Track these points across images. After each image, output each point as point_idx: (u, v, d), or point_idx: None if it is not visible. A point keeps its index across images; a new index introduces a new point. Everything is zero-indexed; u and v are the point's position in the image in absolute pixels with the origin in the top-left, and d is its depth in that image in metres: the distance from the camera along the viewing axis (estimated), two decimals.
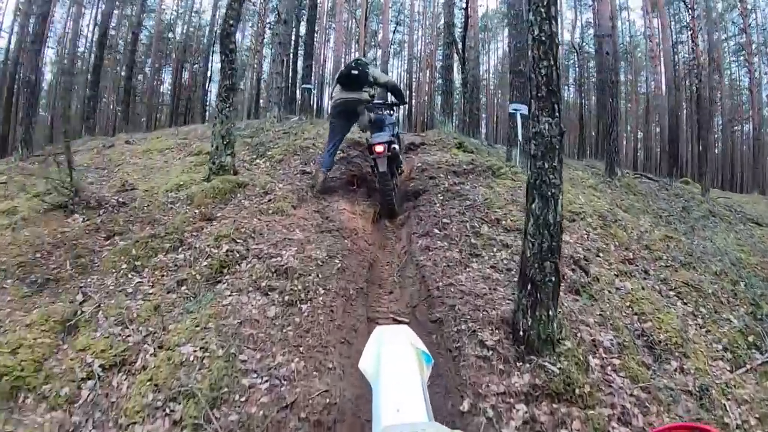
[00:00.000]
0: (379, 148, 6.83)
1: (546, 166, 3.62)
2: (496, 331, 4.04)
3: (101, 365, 3.88)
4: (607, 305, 4.72)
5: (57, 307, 4.49)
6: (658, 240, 6.52)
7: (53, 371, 3.90)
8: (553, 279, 3.68)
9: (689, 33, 24.75)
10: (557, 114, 3.64)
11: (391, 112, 8.17)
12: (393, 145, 7.12)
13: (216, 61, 36.17)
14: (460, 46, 18.19)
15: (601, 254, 5.83)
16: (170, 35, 40.21)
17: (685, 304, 5.12)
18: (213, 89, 36.85)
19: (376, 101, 8.01)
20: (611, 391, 3.63)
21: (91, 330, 4.26)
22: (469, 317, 4.25)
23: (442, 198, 7.06)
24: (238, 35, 44.08)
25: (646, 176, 15.58)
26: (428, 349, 3.55)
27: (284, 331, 4.13)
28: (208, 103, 37.04)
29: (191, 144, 10.69)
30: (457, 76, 23.58)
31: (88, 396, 3.72)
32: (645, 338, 4.34)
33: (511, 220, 6.20)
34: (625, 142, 39.72)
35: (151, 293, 4.72)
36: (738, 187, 35.36)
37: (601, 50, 15.73)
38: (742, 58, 37.00)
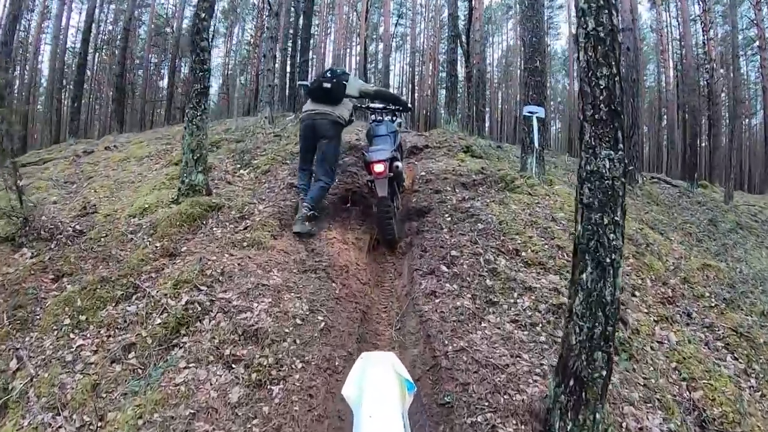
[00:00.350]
0: (378, 168, 5.75)
1: (605, 221, 2.62)
2: (523, 429, 3.09)
3: None
4: (651, 369, 3.90)
5: None
6: (695, 269, 5.72)
7: None
8: (604, 373, 2.72)
9: (700, 26, 23.72)
10: (621, 144, 2.63)
11: (394, 117, 7.06)
12: (396, 163, 6.11)
13: (216, 56, 35.50)
14: (464, 39, 17.33)
15: (637, 293, 4.99)
16: (168, 30, 39.34)
17: (736, 359, 4.33)
18: (214, 84, 36.19)
19: (372, 105, 7.09)
20: None
21: (19, 415, 3.37)
22: (486, 404, 3.30)
23: (450, 219, 6.13)
24: (237, 29, 43.45)
25: (664, 180, 14.88)
26: None
27: (248, 427, 3.16)
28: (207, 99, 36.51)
29: (173, 150, 9.77)
30: (461, 70, 22.78)
31: None
32: (697, 414, 3.56)
33: (532, 251, 5.32)
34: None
35: (92, 363, 3.74)
36: (749, 186, 34.73)
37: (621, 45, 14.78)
38: (750, 52, 36.13)
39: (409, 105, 7.14)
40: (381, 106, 7.05)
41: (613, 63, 2.63)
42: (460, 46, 17.12)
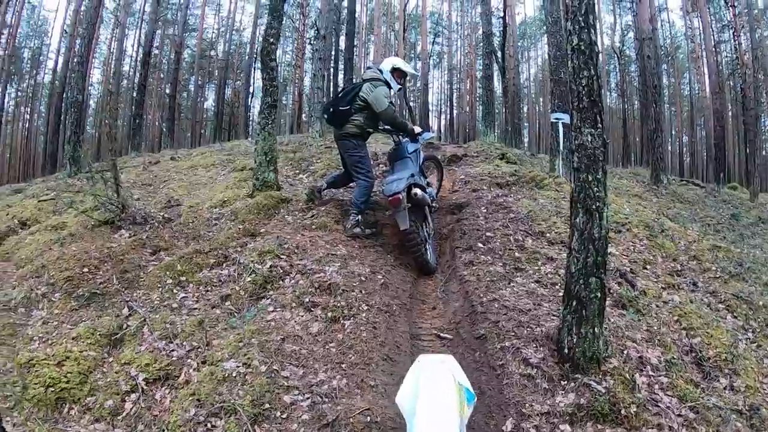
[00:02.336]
0: (394, 202, 5.73)
1: (590, 178, 3.56)
2: (541, 349, 3.98)
3: (145, 379, 3.96)
4: (655, 320, 4.60)
5: (103, 321, 4.59)
6: (706, 250, 6.34)
7: (98, 383, 3.99)
8: (599, 295, 3.62)
9: (731, 32, 24.07)
10: (600, 125, 3.59)
11: (415, 138, 6.81)
12: (414, 190, 6.03)
13: (257, 78, 36.84)
14: (499, 55, 18.10)
15: (648, 266, 5.71)
16: (212, 53, 40.93)
17: (735, 317, 4.95)
18: (255, 105, 37.33)
19: (387, 127, 6.74)
20: (658, 411, 3.51)
21: (136, 344, 4.34)
22: (513, 334, 4.21)
23: (485, 210, 6.94)
24: (279, 51, 44.86)
25: (693, 182, 15.34)
26: (472, 366, 3.36)
27: (327, 347, 4.16)
28: (250, 119, 37.50)
29: (235, 160, 10.81)
30: (497, 86, 23.44)
31: (131, 409, 3.79)
32: (694, 354, 4.21)
33: (556, 233, 6.12)
34: (669, 147, 38.77)
35: (195, 308, 4.78)
36: None
37: (642, 54, 15.47)
38: None
39: (417, 130, 6.77)
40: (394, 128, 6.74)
41: (591, 67, 3.61)
42: (495, 62, 17.89)
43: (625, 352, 4.00)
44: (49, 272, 5.39)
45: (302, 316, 4.50)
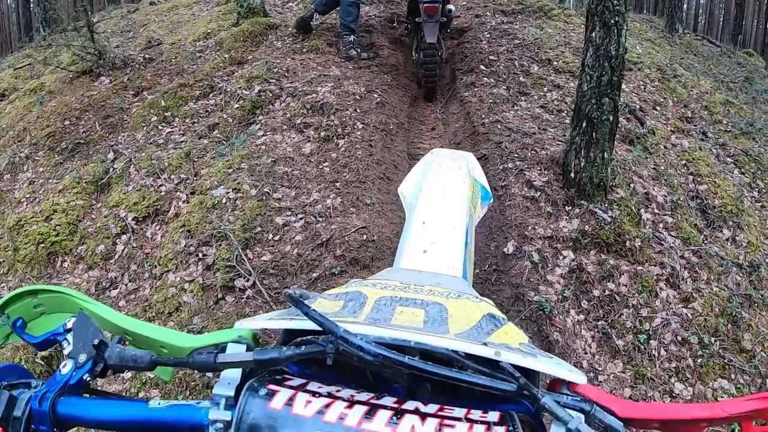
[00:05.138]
0: (431, 10, 5.13)
1: None
2: (545, 172, 3.87)
3: (135, 218, 3.97)
4: (662, 160, 4.50)
5: (89, 169, 4.52)
6: (718, 103, 6.12)
7: (88, 231, 4.02)
8: (611, 118, 3.42)
9: None
10: None
11: None
12: (448, 6, 5.48)
13: None
14: None
15: (657, 108, 5.50)
16: None
17: (743, 173, 4.93)
18: None
19: None
20: (662, 249, 3.56)
21: (123, 185, 4.28)
22: (516, 156, 4.06)
23: (488, 36, 6.46)
24: None
25: (708, 40, 14.58)
26: None
27: (320, 167, 4.01)
28: None
29: None
30: None
31: (123, 250, 3.83)
32: (699, 201, 4.21)
33: (564, 62, 5.78)
34: (685, 6, 37.21)
35: (182, 141, 4.61)
36: None
37: None
38: None
39: None
40: None
41: None
42: None
43: (632, 185, 3.94)
44: (31, 133, 5.26)
45: (294, 137, 4.33)
